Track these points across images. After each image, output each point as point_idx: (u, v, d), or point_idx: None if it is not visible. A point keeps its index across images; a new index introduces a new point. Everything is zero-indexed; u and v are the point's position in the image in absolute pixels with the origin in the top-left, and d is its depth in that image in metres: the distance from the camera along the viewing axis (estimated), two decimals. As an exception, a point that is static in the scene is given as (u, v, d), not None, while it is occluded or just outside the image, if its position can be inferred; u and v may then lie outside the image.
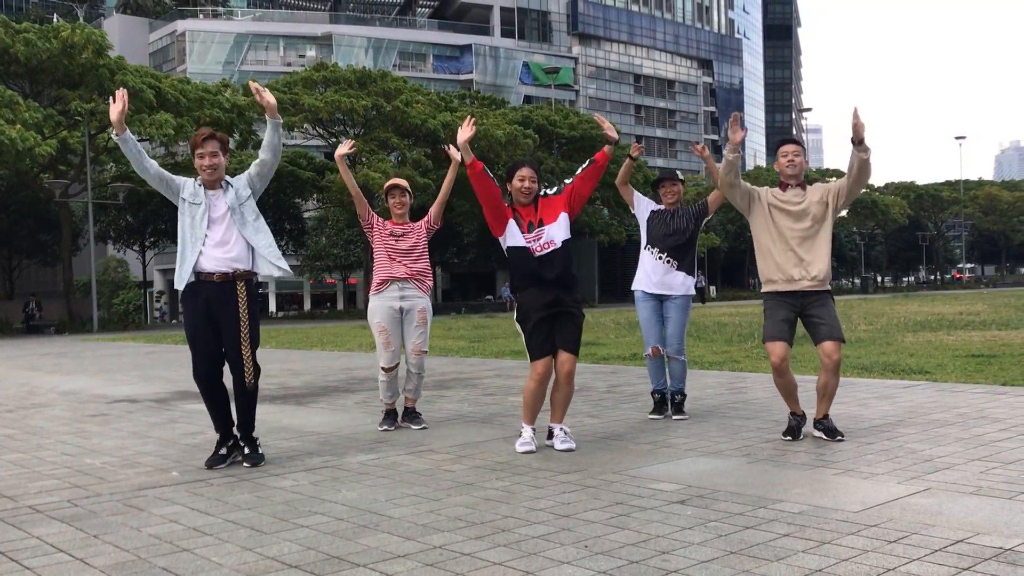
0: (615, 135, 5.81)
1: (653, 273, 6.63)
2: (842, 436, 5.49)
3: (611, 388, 8.70)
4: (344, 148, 6.43)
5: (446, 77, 76.74)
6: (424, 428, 6.53)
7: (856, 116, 5.37)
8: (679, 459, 5.05)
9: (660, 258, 6.63)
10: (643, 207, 6.87)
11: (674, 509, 3.92)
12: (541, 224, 5.54)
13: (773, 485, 4.31)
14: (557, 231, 5.54)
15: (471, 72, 78.24)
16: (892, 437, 5.51)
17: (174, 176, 5.40)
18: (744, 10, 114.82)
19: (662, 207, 6.80)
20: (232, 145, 42.55)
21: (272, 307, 64.56)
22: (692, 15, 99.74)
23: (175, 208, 5.48)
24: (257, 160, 5.47)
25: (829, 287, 5.63)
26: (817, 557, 3.18)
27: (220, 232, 5.27)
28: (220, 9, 79.64)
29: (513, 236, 5.54)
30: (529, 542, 3.48)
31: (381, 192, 7.10)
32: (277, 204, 48.89)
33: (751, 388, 8.25)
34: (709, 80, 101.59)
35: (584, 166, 5.77)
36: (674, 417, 6.65)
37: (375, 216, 6.55)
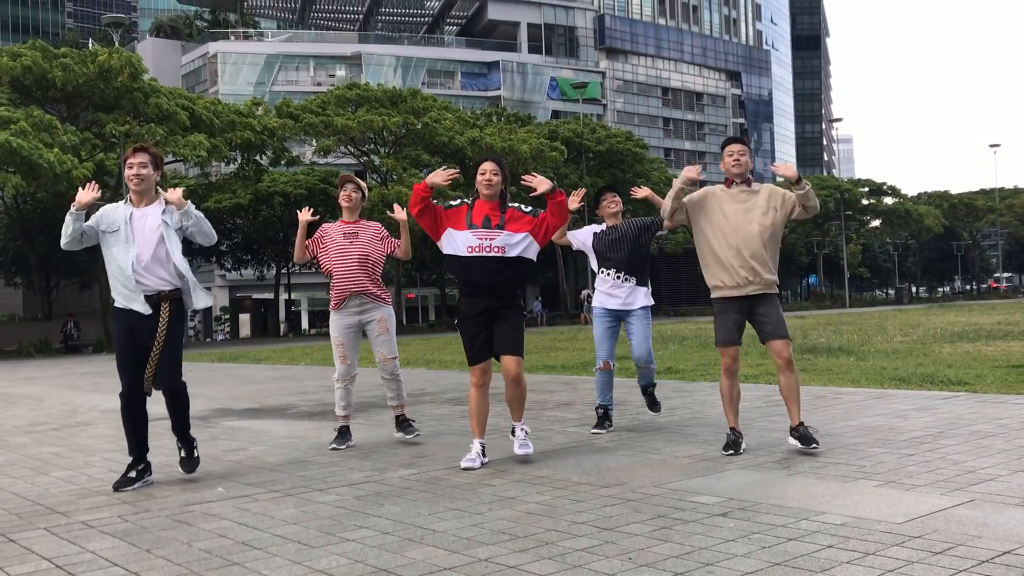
0: (548, 186, 5.60)
1: (614, 291, 6.70)
2: (817, 444, 5.48)
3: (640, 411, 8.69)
4: (305, 215, 6.70)
5: (474, 94, 77.14)
6: (417, 435, 6.61)
7: (779, 166, 5.71)
8: (719, 472, 5.06)
9: (617, 277, 6.70)
10: (583, 237, 6.89)
11: (716, 522, 3.94)
12: (500, 228, 5.56)
13: (814, 497, 4.32)
14: (513, 244, 5.56)
15: (499, 88, 78.59)
16: (933, 448, 5.48)
17: (84, 223, 5.37)
18: (772, 21, 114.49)
19: (604, 227, 6.86)
20: (265, 162, 43.08)
21: (305, 324, 65.10)
22: (719, 27, 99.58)
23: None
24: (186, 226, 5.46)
25: (776, 289, 5.71)
26: (862, 568, 3.19)
27: (148, 251, 5.31)
28: (251, 31, 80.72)
29: (450, 244, 5.59)
30: (573, 555, 3.51)
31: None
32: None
33: (788, 401, 8.22)
34: (738, 92, 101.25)
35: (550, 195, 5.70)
36: (651, 411, 6.87)
37: (319, 235, 6.68)
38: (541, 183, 5.61)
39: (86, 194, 5.29)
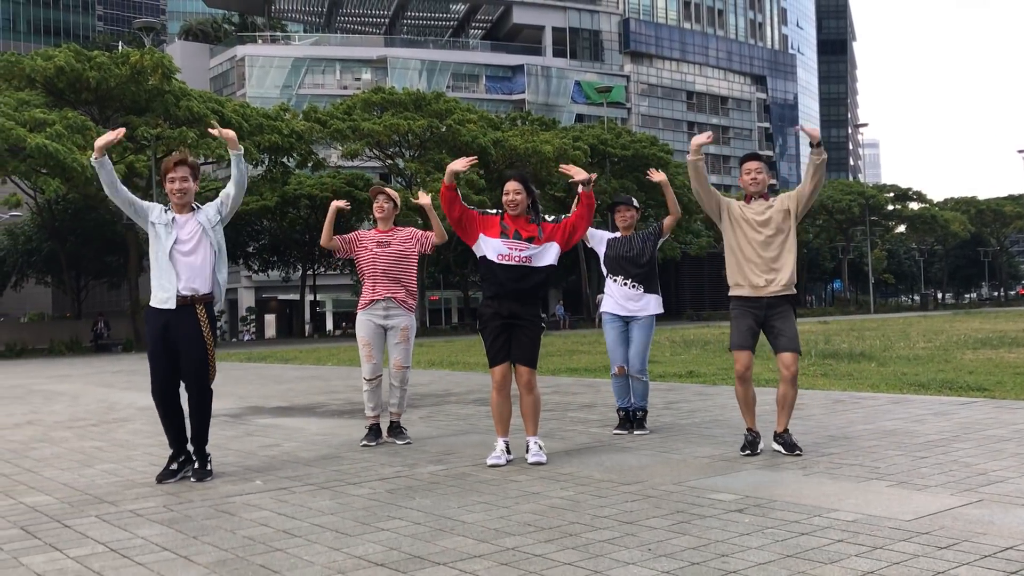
0: (585, 176, 5.86)
1: (623, 299, 6.89)
2: (800, 451, 5.70)
3: (668, 405, 8.88)
4: (338, 203, 6.91)
5: (499, 97, 77.49)
6: (408, 443, 6.78)
7: (805, 127, 5.83)
8: (737, 471, 5.25)
9: (626, 284, 6.90)
10: (598, 239, 7.09)
11: (732, 517, 4.13)
12: (531, 240, 5.79)
13: (828, 495, 4.49)
14: (541, 255, 5.81)
15: (523, 92, 78.88)
16: (947, 451, 5.63)
17: (142, 201, 5.66)
18: (798, 25, 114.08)
19: (618, 234, 7.06)
20: (291, 165, 43.60)
21: (329, 324, 65.64)
22: (745, 31, 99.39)
23: (236, 229, 5.87)
24: (223, 192, 5.75)
25: (794, 290, 5.86)
26: (869, 561, 3.37)
27: (187, 256, 5.55)
28: (279, 34, 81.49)
29: (485, 248, 5.81)
30: (595, 545, 3.72)
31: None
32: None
33: (808, 405, 8.38)
34: (763, 96, 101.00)
35: (575, 206, 5.97)
36: (635, 432, 6.91)
37: (354, 237, 6.91)
38: (579, 172, 5.87)
39: (102, 139, 5.41)
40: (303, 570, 3.52)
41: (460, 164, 5.82)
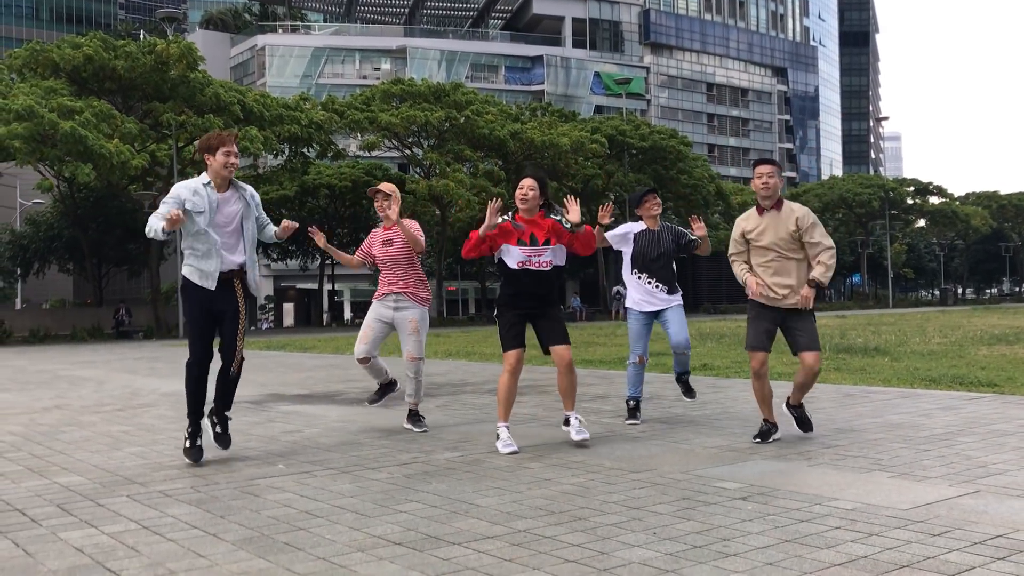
0: (577, 219, 5.98)
1: (648, 296, 7.05)
2: (810, 429, 5.99)
3: (680, 396, 9.02)
4: (319, 239, 6.98)
5: (517, 88, 77.57)
6: (425, 431, 6.96)
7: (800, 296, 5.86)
8: (743, 462, 5.41)
9: (650, 283, 7.05)
10: (623, 235, 7.15)
11: (736, 504, 4.30)
12: (547, 243, 6.03)
13: (830, 485, 4.65)
14: (556, 256, 6.08)
15: (542, 83, 78.92)
16: (950, 445, 5.77)
17: (173, 208, 5.53)
18: (820, 17, 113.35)
19: (645, 227, 7.12)
20: (311, 155, 43.89)
21: (348, 314, 66.09)
22: (766, 23, 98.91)
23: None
24: (264, 217, 6.03)
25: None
26: (864, 546, 3.53)
27: (226, 233, 5.72)
28: (299, 24, 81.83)
29: (505, 256, 6.05)
30: (603, 528, 3.90)
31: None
32: (354, 216, 50.09)
33: (818, 399, 8.51)
34: (783, 88, 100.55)
35: (572, 232, 6.09)
36: (687, 399, 7.36)
37: (368, 244, 7.12)
38: (574, 214, 6.00)
39: (173, 222, 5.42)
40: (325, 547, 3.71)
41: (493, 219, 5.92)
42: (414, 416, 7.16)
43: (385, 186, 7.04)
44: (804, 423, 5.93)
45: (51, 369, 16.87)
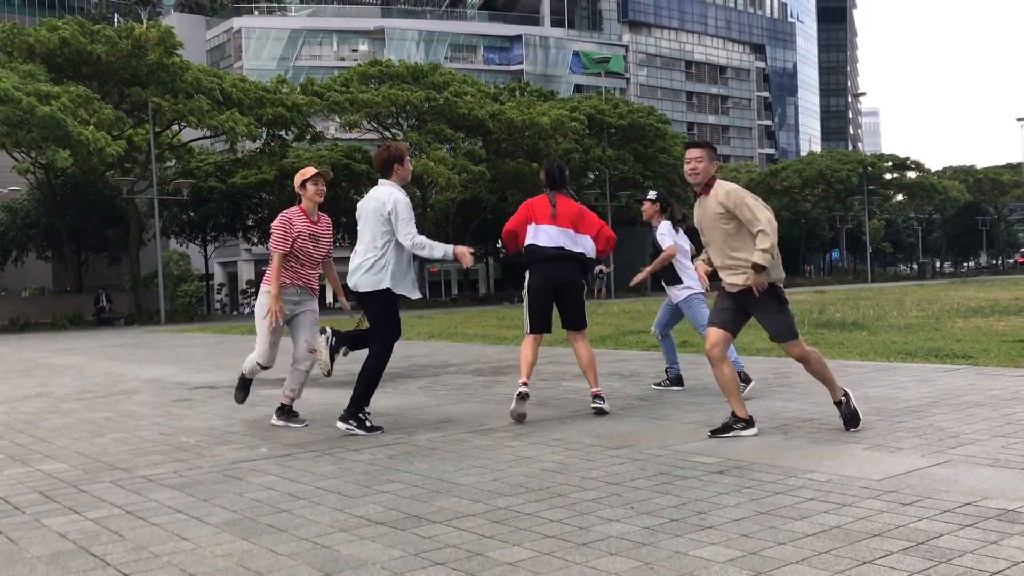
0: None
1: (696, 283, 7.67)
2: (856, 427, 5.45)
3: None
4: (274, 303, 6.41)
5: (496, 68, 77.24)
6: (306, 425, 6.55)
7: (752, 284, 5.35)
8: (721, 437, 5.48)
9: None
10: (680, 233, 7.86)
11: (713, 478, 4.37)
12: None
13: (805, 458, 4.74)
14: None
15: (521, 63, 78.62)
16: (923, 417, 5.87)
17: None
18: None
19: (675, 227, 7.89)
20: (290, 138, 43.65)
21: (329, 297, 65.86)
22: (744, 0, 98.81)
23: (235, 203, 6.25)
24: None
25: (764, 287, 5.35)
26: (837, 516, 3.61)
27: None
28: (275, 5, 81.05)
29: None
30: (582, 504, 3.96)
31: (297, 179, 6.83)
32: (334, 198, 49.75)
33: (795, 373, 8.61)
34: (762, 65, 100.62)
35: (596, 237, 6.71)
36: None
37: (289, 230, 6.45)
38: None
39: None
40: (308, 529, 3.76)
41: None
42: (287, 411, 6.67)
43: (320, 169, 6.70)
44: (851, 418, 5.42)
45: (32, 357, 16.79)
